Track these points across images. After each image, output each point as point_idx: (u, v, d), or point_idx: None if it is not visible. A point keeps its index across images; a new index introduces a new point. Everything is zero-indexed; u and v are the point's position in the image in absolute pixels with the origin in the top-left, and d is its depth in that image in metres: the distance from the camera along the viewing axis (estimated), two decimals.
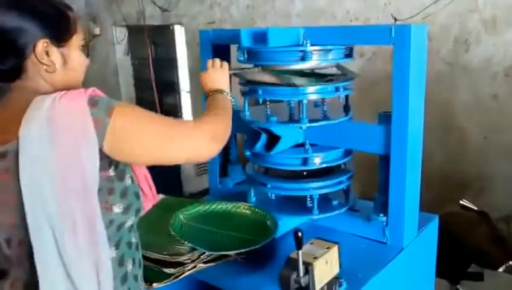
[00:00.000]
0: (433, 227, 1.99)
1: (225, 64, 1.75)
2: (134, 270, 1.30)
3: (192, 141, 1.28)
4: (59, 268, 1.10)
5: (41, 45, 1.18)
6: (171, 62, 6.04)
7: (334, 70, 1.92)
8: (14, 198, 1.09)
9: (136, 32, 6.20)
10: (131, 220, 1.24)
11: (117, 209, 1.19)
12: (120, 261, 1.24)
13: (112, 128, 1.11)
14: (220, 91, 1.66)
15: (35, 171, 1.08)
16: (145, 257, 1.57)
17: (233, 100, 1.68)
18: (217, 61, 1.75)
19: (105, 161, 1.14)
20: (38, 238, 1.09)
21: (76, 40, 1.28)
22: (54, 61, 1.21)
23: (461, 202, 3.13)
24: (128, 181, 1.22)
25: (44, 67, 1.20)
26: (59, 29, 1.23)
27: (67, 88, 1.22)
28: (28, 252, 1.11)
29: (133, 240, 1.30)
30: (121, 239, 1.24)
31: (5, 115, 1.17)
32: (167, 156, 1.25)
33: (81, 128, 1.08)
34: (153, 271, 1.56)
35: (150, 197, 1.34)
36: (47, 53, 1.20)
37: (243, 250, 1.60)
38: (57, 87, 1.23)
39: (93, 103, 1.11)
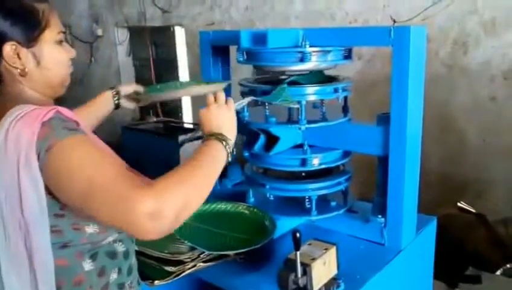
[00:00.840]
0: (431, 229, 1.99)
1: (230, 100, 1.42)
2: (121, 279, 1.25)
3: (126, 210, 1.00)
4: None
5: (9, 47, 1.10)
6: (171, 63, 6.05)
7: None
8: None
9: (137, 33, 6.22)
10: (112, 237, 1.20)
11: (90, 229, 1.14)
12: (100, 273, 1.19)
13: (50, 160, 1.02)
14: (219, 137, 1.31)
15: None
16: (146, 255, 1.59)
17: (232, 151, 1.33)
18: (221, 96, 1.41)
19: None
20: None
21: (50, 34, 1.17)
22: (25, 64, 1.13)
23: (459, 204, 3.13)
24: None
25: (18, 71, 1.13)
26: (26, 28, 1.12)
27: (51, 87, 1.19)
28: None
29: (120, 249, 1.25)
30: (97, 252, 1.19)
31: None
32: (95, 215, 1.05)
33: (25, 157, 1.01)
34: (154, 269, 1.57)
35: None
36: (18, 56, 1.12)
37: (241, 250, 1.61)
38: (39, 90, 1.18)
39: (42, 132, 1.02)
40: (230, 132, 1.36)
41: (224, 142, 1.30)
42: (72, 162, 1.03)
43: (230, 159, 1.31)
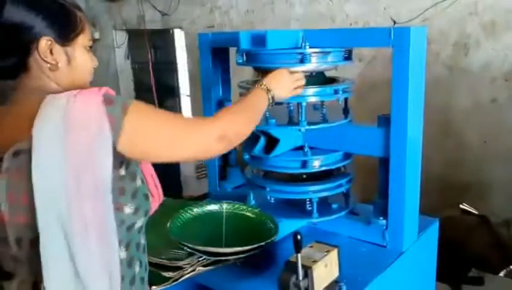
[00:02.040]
0: (433, 231, 1.98)
1: (302, 82, 1.73)
2: (141, 273, 1.29)
3: (200, 138, 1.29)
4: (68, 270, 1.09)
5: (45, 42, 1.16)
6: (171, 66, 6.05)
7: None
8: (25, 197, 1.08)
9: (136, 36, 6.22)
10: (140, 221, 1.23)
11: (128, 209, 1.17)
12: (129, 263, 1.23)
13: (127, 126, 1.11)
14: (267, 89, 1.60)
15: (48, 171, 1.06)
16: None
17: (273, 103, 1.61)
18: (300, 73, 1.73)
19: (117, 160, 1.12)
20: (48, 239, 1.07)
21: (83, 40, 1.25)
22: (57, 60, 1.19)
23: (461, 206, 3.12)
24: (138, 182, 1.20)
25: (48, 65, 1.18)
26: (64, 28, 1.20)
27: (73, 88, 1.21)
28: (38, 253, 1.08)
29: (142, 241, 1.29)
30: (131, 240, 1.22)
31: (13, 114, 1.16)
32: (178, 154, 1.29)
33: (97, 126, 1.07)
34: (151, 273, 1.55)
35: (156, 198, 1.31)
36: (51, 51, 1.17)
37: (242, 255, 1.59)
38: (63, 86, 1.22)
39: (108, 101, 1.10)
40: (278, 91, 1.62)
41: (269, 94, 1.58)
42: (152, 116, 1.21)
43: (271, 106, 1.59)
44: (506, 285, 2.64)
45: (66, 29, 1.20)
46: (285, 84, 1.66)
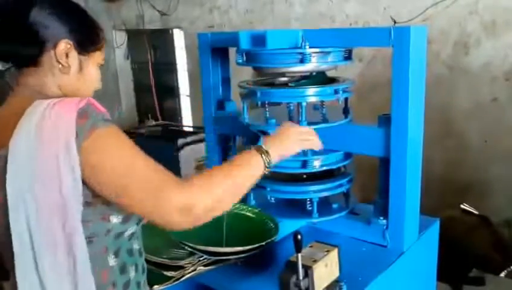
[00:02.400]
0: (434, 230, 1.98)
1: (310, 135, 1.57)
2: (137, 277, 1.29)
3: (157, 203, 1.10)
4: (36, 280, 1.11)
5: (64, 44, 1.20)
6: (170, 66, 6.05)
7: None
8: (2, 199, 1.10)
9: (135, 36, 6.22)
10: (132, 229, 1.24)
11: (115, 219, 1.18)
12: (122, 269, 1.24)
13: (83, 150, 1.07)
14: (265, 152, 1.38)
15: (19, 182, 1.08)
16: (146, 260, 1.57)
17: (270, 167, 1.38)
18: (308, 128, 1.59)
19: None
20: (20, 246, 1.10)
21: (98, 56, 1.31)
22: (70, 64, 1.23)
23: (462, 206, 3.12)
24: None
25: (60, 66, 1.21)
26: (86, 39, 1.26)
27: (74, 95, 1.23)
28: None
29: (135, 246, 1.29)
30: (120, 247, 1.23)
31: (5, 115, 1.18)
32: (128, 206, 1.14)
33: (64, 142, 1.06)
34: (153, 273, 1.55)
35: None
36: (67, 55, 1.22)
37: (242, 255, 1.58)
38: (64, 91, 1.25)
39: (81, 116, 1.09)
40: (278, 155, 1.43)
41: (264, 156, 1.36)
42: (111, 151, 1.11)
43: (267, 172, 1.37)
44: (507, 285, 2.64)
45: (87, 40, 1.26)
46: (291, 141, 1.49)
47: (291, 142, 1.48)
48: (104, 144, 1.10)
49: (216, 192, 1.19)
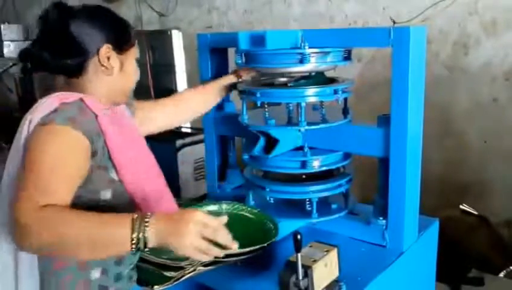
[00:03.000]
0: (433, 231, 1.98)
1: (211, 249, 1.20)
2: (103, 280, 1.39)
3: (14, 205, 1.13)
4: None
5: (105, 49, 1.35)
6: (168, 67, 6.03)
7: None
8: None
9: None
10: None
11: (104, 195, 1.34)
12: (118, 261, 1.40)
13: (33, 133, 1.26)
14: (143, 224, 1.11)
15: (7, 182, 1.31)
16: (146, 261, 1.57)
17: (138, 249, 1.12)
18: (216, 222, 1.23)
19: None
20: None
21: (134, 52, 1.46)
22: (113, 65, 1.38)
23: (461, 206, 3.12)
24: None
25: (103, 69, 1.37)
26: (122, 39, 1.41)
27: (118, 92, 1.44)
28: None
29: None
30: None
31: None
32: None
33: (28, 123, 1.28)
34: (153, 274, 1.54)
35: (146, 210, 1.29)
36: (108, 58, 1.36)
37: (243, 257, 1.57)
38: (109, 90, 1.41)
39: (56, 110, 1.27)
40: (176, 240, 1.13)
41: (138, 231, 1.10)
42: (34, 148, 1.22)
43: (132, 251, 1.12)
44: (507, 286, 2.64)
45: (123, 40, 1.41)
46: (185, 240, 1.14)
47: (183, 241, 1.14)
48: (39, 137, 1.23)
49: (57, 231, 1.08)
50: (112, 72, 1.39)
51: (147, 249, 1.12)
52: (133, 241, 1.09)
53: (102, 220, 1.11)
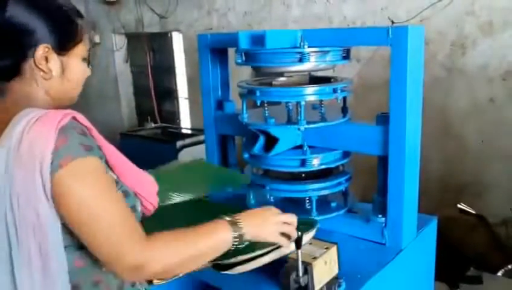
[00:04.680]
0: (432, 228, 1.99)
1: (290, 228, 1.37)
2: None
3: (115, 255, 1.08)
4: None
5: (42, 49, 1.13)
6: (169, 69, 6.06)
7: None
8: None
9: (134, 39, 6.23)
10: None
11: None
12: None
13: (56, 181, 1.04)
14: (235, 224, 1.26)
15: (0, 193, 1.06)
16: None
17: (238, 244, 1.26)
18: (290, 218, 1.39)
19: None
20: None
21: (80, 50, 1.22)
22: (51, 69, 1.15)
23: (459, 205, 3.14)
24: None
25: (41, 73, 1.15)
26: (64, 37, 1.17)
27: (62, 98, 1.21)
28: None
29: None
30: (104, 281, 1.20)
31: None
32: (89, 244, 1.09)
33: (39, 164, 1.02)
34: None
35: (150, 208, 1.30)
36: (46, 59, 1.14)
37: (247, 263, 1.55)
38: (52, 96, 1.19)
39: (61, 136, 1.04)
40: (261, 231, 1.31)
41: (235, 230, 1.24)
42: (78, 193, 1.05)
43: (233, 248, 1.25)
44: (505, 284, 2.66)
45: (65, 38, 1.17)
46: (268, 228, 1.34)
47: (268, 229, 1.33)
48: (76, 179, 1.06)
49: (175, 257, 1.13)
50: (51, 76, 1.16)
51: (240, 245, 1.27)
52: (234, 241, 1.24)
53: (202, 232, 1.21)
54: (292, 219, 1.38)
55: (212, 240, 1.21)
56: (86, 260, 1.15)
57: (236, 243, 1.24)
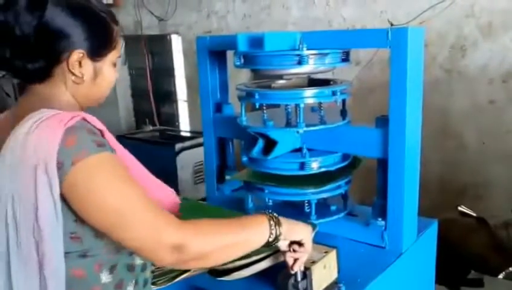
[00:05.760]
0: (432, 232, 1.98)
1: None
2: None
3: (153, 240, 1.07)
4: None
5: (77, 55, 1.12)
6: (168, 71, 6.06)
7: None
8: None
9: (133, 42, 6.22)
10: None
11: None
12: (117, 285, 1.19)
13: (73, 176, 1.02)
14: (276, 222, 1.29)
15: (2, 198, 1.04)
16: None
17: (274, 241, 1.29)
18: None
19: None
20: None
21: (113, 56, 1.22)
22: (84, 74, 1.15)
23: (459, 208, 3.12)
24: None
25: (73, 77, 1.15)
26: (100, 43, 1.17)
27: (88, 101, 1.22)
28: None
29: (137, 262, 1.25)
30: (117, 264, 1.18)
31: (13, 117, 1.13)
32: (119, 237, 1.08)
33: (44, 165, 1.00)
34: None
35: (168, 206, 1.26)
36: (80, 63, 1.14)
37: (244, 269, 1.55)
38: (78, 99, 1.19)
39: (69, 136, 1.02)
40: (297, 233, 1.35)
41: (273, 225, 1.28)
42: (99, 188, 1.04)
43: (270, 241, 1.28)
44: (506, 287, 2.64)
45: (101, 45, 1.17)
46: (307, 229, 1.40)
47: (307, 230, 1.40)
48: (94, 176, 1.04)
49: (211, 241, 1.14)
50: (82, 81, 1.16)
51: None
52: (273, 238, 1.27)
53: (243, 223, 1.25)
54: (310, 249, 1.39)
55: (252, 234, 1.24)
56: (87, 271, 1.13)
57: (270, 242, 1.27)
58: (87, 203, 1.04)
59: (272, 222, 1.28)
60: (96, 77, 1.19)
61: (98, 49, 1.16)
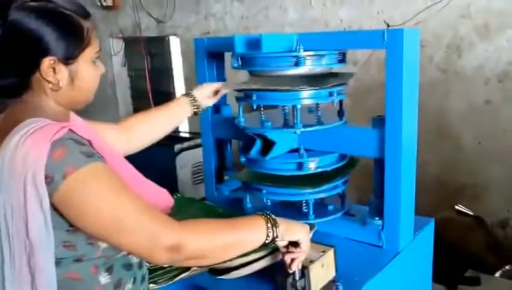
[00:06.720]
0: (429, 231, 1.99)
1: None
2: (135, 288, 1.28)
3: (150, 242, 1.08)
4: None
5: (48, 62, 1.09)
6: (166, 73, 6.06)
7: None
8: None
9: (132, 43, 6.23)
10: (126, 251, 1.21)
11: (104, 244, 1.15)
12: (116, 285, 1.21)
13: (66, 189, 1.02)
14: (270, 219, 1.31)
15: None
16: None
17: (272, 241, 1.31)
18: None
19: None
20: None
21: (90, 52, 1.17)
22: (60, 79, 1.12)
23: (457, 207, 3.14)
24: None
25: (50, 85, 1.12)
26: (70, 45, 1.11)
27: (74, 103, 1.20)
28: None
29: (134, 260, 1.27)
30: (113, 264, 1.20)
31: (2, 128, 1.11)
32: (116, 242, 1.10)
33: (31, 178, 0.99)
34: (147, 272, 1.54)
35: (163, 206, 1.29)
36: (54, 70, 1.10)
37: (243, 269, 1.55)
38: (62, 104, 1.17)
39: (57, 148, 1.02)
40: (288, 233, 1.35)
41: (270, 227, 1.29)
42: (92, 199, 1.05)
43: (267, 242, 1.30)
44: (503, 285, 2.66)
45: (71, 46, 1.12)
46: (303, 229, 1.41)
47: (304, 230, 1.41)
48: (86, 188, 1.04)
49: (207, 241, 1.16)
50: (59, 87, 1.12)
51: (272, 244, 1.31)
52: (271, 239, 1.29)
53: (240, 224, 1.27)
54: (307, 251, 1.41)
55: (250, 232, 1.26)
56: (84, 274, 1.14)
57: (267, 242, 1.28)
58: (82, 215, 1.05)
59: (269, 224, 1.29)
60: (73, 81, 1.15)
61: (69, 52, 1.11)
